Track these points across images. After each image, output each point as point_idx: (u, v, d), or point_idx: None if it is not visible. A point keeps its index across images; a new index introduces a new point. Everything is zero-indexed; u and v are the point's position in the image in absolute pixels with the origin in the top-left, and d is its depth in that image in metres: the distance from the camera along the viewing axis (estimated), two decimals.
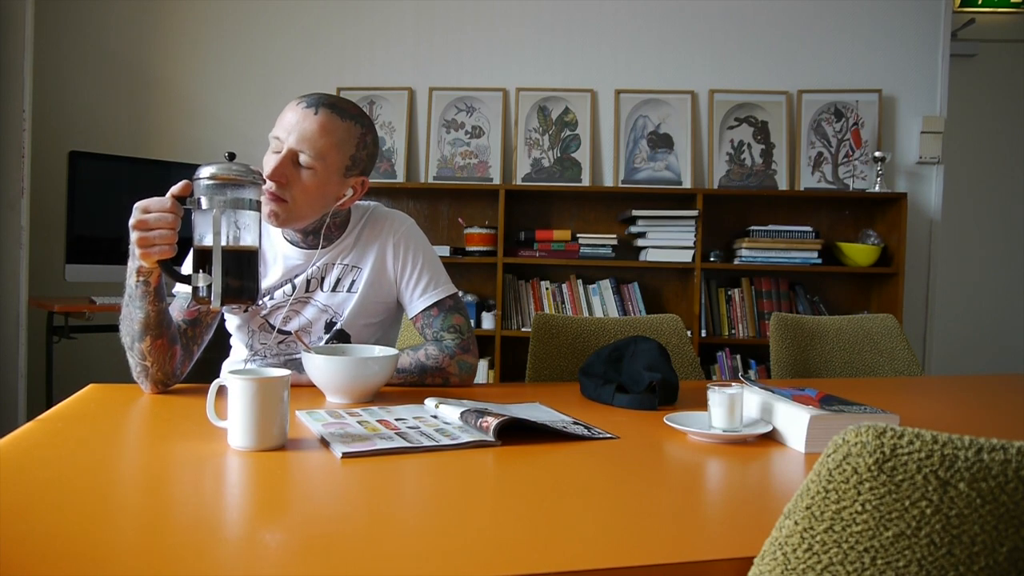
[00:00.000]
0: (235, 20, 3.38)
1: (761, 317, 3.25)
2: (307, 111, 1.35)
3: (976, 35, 3.65)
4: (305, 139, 1.34)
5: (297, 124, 1.35)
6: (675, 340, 1.92)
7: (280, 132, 1.36)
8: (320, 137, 1.35)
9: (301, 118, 1.35)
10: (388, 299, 1.52)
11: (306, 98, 1.38)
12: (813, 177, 3.31)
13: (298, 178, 1.36)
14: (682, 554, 0.68)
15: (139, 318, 1.25)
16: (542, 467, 0.95)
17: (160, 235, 1.15)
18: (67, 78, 3.31)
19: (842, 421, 1.04)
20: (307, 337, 1.47)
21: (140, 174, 3.03)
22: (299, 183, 1.36)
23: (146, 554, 0.65)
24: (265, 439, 0.97)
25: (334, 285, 1.47)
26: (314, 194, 1.38)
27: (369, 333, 1.52)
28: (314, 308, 1.47)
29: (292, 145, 1.35)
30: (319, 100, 1.37)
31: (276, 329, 1.47)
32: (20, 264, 2.86)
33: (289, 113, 1.37)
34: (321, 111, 1.35)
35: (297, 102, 1.38)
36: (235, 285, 1.13)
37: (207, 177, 1.14)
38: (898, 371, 2.04)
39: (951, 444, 0.51)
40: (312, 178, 1.36)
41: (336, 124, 1.37)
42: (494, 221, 3.25)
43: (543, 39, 3.39)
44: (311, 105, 1.36)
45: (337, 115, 1.37)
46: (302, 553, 0.65)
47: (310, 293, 1.47)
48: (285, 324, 1.47)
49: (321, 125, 1.35)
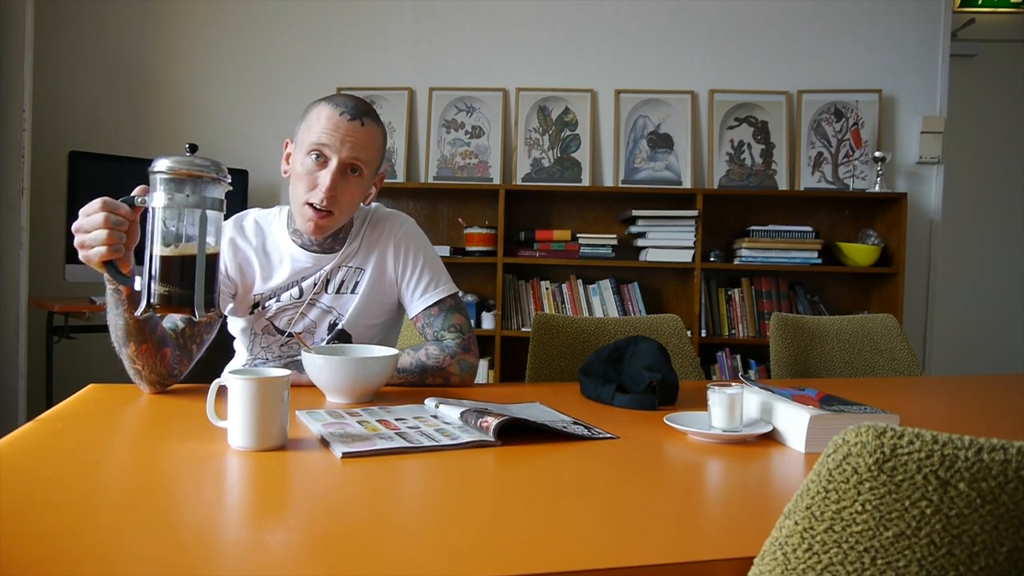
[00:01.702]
0: (235, 20, 3.38)
1: (761, 317, 3.25)
2: (354, 123, 1.35)
3: (976, 35, 3.65)
4: (358, 150, 1.35)
5: (347, 135, 1.34)
6: (675, 340, 1.92)
7: (327, 141, 1.34)
8: (370, 147, 1.38)
9: (350, 130, 1.34)
10: (390, 300, 1.53)
11: (342, 105, 1.36)
12: (813, 177, 3.31)
13: (346, 188, 1.37)
14: (682, 554, 0.68)
15: (119, 325, 1.21)
16: (542, 467, 0.95)
17: (94, 237, 1.08)
18: (67, 78, 3.31)
19: (842, 421, 1.04)
20: (310, 339, 1.48)
21: (140, 174, 3.00)
22: (347, 193, 1.38)
23: (146, 554, 0.65)
24: (265, 439, 0.97)
25: (338, 287, 1.48)
26: (356, 201, 1.42)
27: (371, 334, 1.52)
28: (318, 310, 1.48)
29: (345, 157, 1.35)
30: (359, 109, 1.37)
31: (285, 333, 1.47)
32: (20, 264, 2.85)
33: (331, 122, 1.34)
34: (366, 121, 1.37)
35: (336, 110, 1.35)
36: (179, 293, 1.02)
37: (164, 171, 1.03)
38: (898, 371, 2.04)
39: (951, 444, 0.51)
40: (358, 186, 1.39)
41: (378, 132, 1.40)
42: (494, 221, 3.25)
43: (543, 39, 3.39)
44: (355, 116, 1.35)
45: (377, 123, 1.40)
46: (302, 553, 0.65)
47: (316, 296, 1.47)
48: (289, 327, 1.47)
49: (370, 136, 1.37)
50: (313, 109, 1.39)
